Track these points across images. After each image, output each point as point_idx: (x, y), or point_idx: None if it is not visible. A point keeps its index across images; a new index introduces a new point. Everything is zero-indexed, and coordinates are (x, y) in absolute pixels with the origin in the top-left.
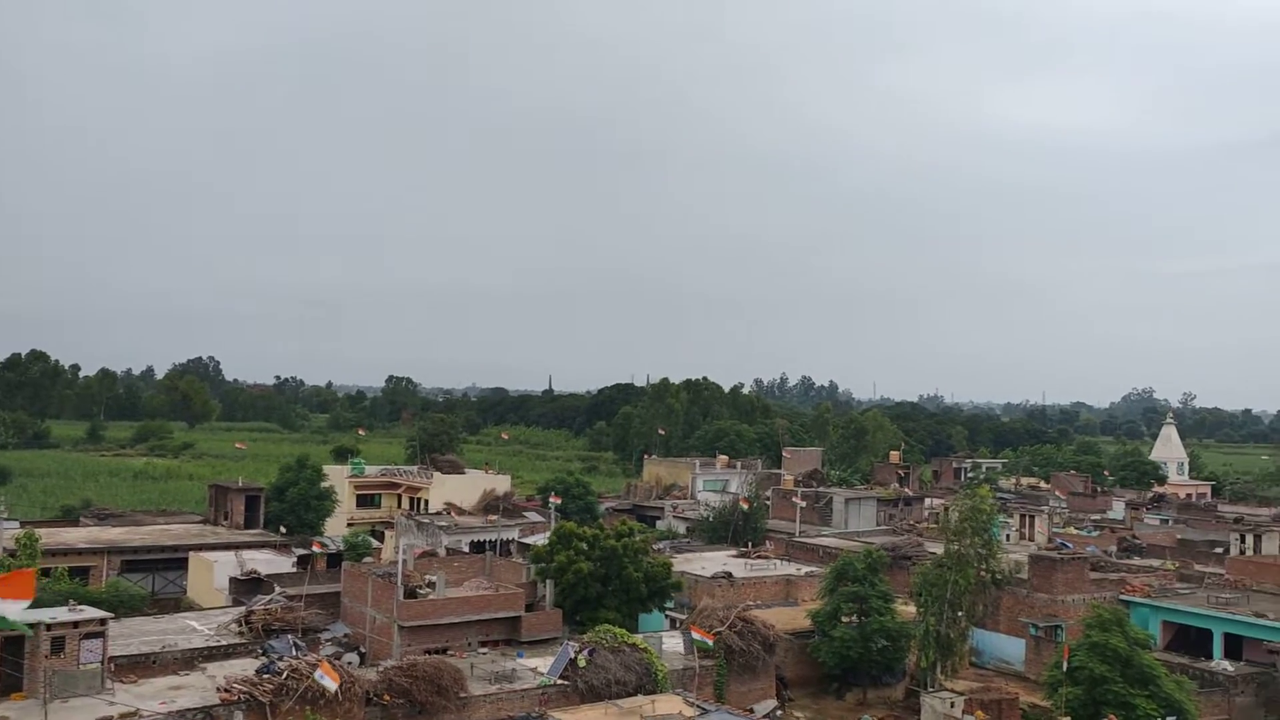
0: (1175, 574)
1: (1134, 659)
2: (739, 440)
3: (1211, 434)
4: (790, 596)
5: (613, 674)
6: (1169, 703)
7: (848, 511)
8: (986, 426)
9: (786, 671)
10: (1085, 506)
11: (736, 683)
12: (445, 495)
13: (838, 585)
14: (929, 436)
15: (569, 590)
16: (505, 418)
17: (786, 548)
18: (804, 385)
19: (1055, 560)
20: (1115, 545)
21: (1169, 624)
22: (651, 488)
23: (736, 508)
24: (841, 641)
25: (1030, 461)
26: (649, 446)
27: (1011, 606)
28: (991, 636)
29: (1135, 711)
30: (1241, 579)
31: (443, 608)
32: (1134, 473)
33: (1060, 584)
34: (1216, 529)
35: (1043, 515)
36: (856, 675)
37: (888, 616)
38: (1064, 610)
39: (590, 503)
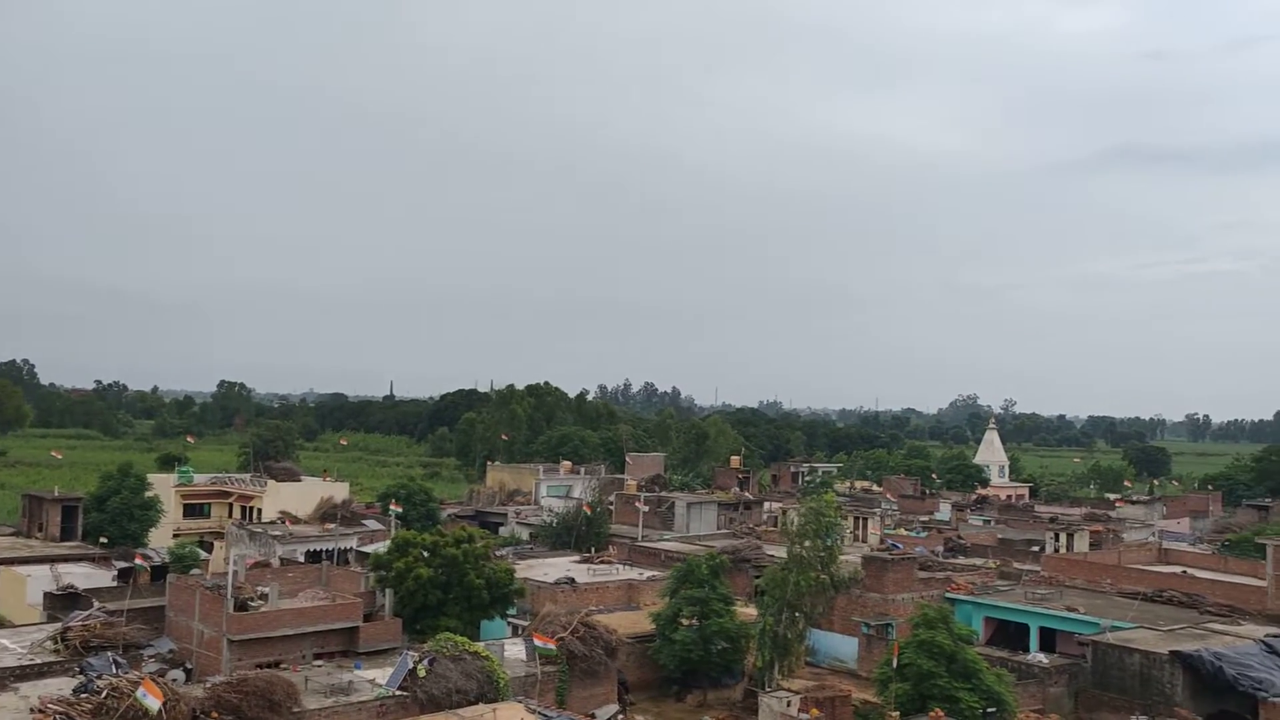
0: (996, 572)
1: (958, 654)
2: (583, 446)
3: (1029, 438)
4: (632, 601)
5: (453, 683)
6: (990, 695)
7: (689, 515)
8: (823, 432)
9: (628, 675)
10: (914, 508)
11: (579, 688)
12: (280, 504)
13: (679, 588)
14: (768, 441)
15: (409, 598)
16: (344, 424)
17: (629, 552)
18: (647, 391)
19: (886, 561)
20: (942, 545)
21: (990, 620)
22: (495, 493)
23: (580, 513)
24: (682, 644)
25: (863, 465)
26: (492, 452)
27: (845, 606)
28: (826, 636)
29: (959, 705)
30: (1055, 575)
31: (276, 620)
32: (960, 475)
33: (891, 584)
34: (1033, 528)
35: (875, 517)
36: (697, 677)
37: (727, 618)
38: (894, 609)
39: (432, 509)
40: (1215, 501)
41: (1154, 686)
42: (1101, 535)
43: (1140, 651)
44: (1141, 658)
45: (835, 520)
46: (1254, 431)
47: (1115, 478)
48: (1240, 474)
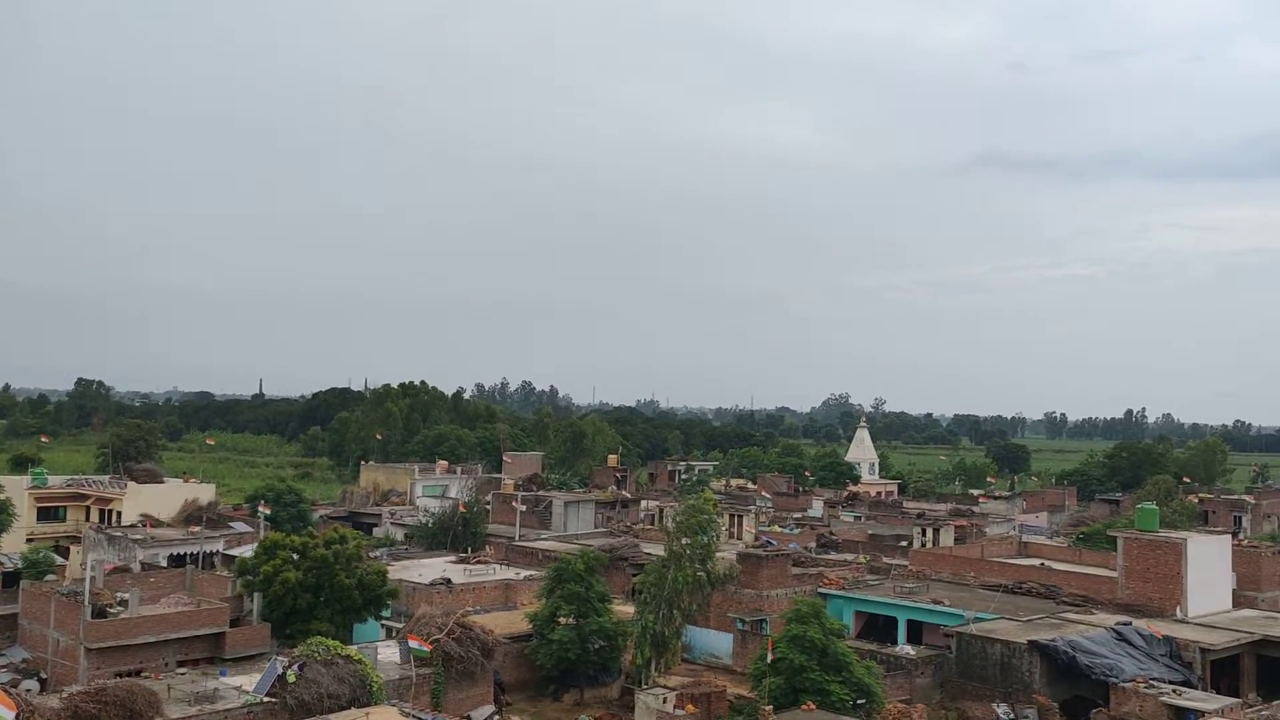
0: (866, 567)
1: (829, 648)
2: (460, 445)
3: (899, 436)
4: (509, 600)
5: (325, 688)
6: (860, 687)
7: (567, 514)
8: (699, 430)
9: (505, 676)
10: (788, 505)
11: (454, 690)
12: (141, 506)
13: (556, 588)
14: (645, 440)
15: (277, 602)
16: (211, 423)
17: (506, 552)
18: (525, 390)
19: (761, 558)
20: (815, 541)
21: (860, 613)
22: (369, 494)
23: (456, 513)
24: (559, 643)
25: (739, 463)
26: (367, 452)
27: (721, 603)
28: (702, 632)
29: (830, 697)
30: (922, 569)
31: (136, 627)
32: (832, 473)
33: (765, 580)
34: (902, 524)
35: (750, 514)
36: (574, 676)
37: (605, 617)
38: (769, 605)
39: (303, 510)
40: (1071, 496)
41: (1014, 675)
42: (966, 530)
43: (1001, 641)
44: (1002, 647)
45: (713, 518)
46: (1106, 429)
47: (979, 474)
48: (1094, 470)
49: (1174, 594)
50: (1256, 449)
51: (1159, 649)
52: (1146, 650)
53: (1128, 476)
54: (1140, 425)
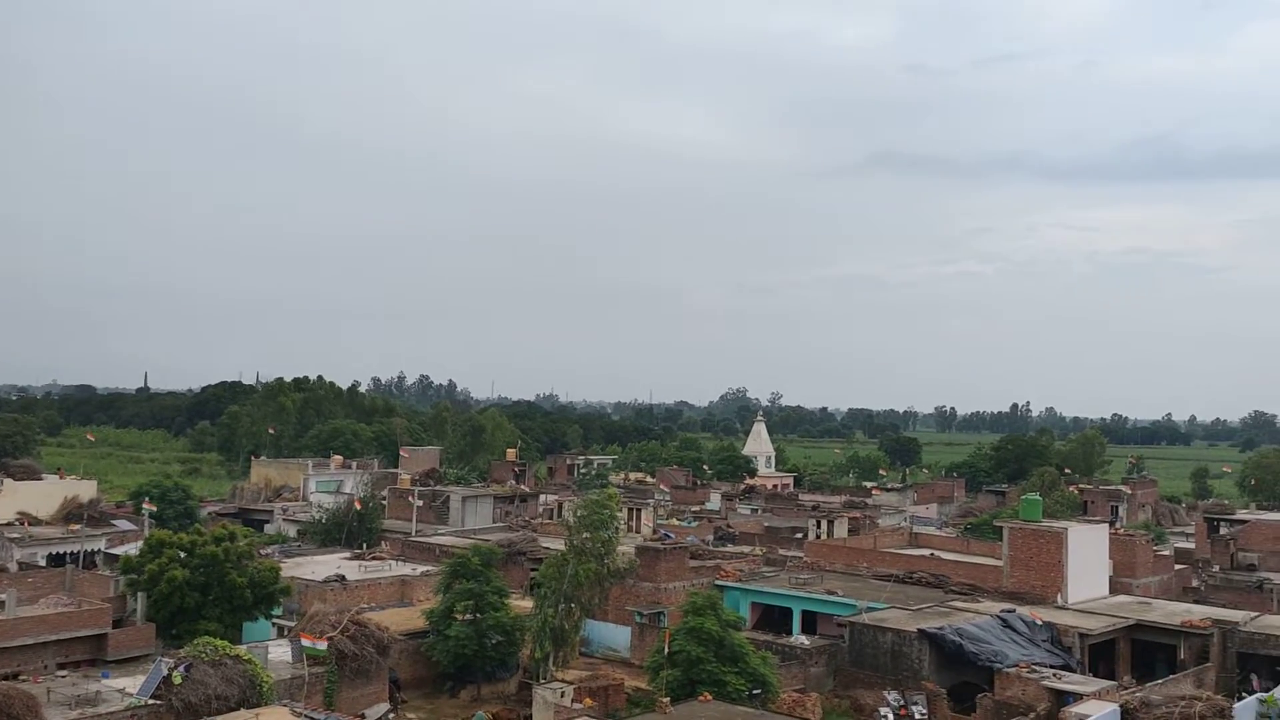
0: (762, 559)
1: (726, 639)
2: (355, 440)
3: (795, 430)
4: (406, 597)
5: (213, 689)
6: (755, 677)
7: (465, 509)
8: (599, 424)
9: (401, 673)
10: (686, 499)
11: (348, 688)
12: (18, 504)
13: (452, 583)
14: (545, 434)
15: (163, 602)
16: (93, 418)
17: (403, 548)
18: (422, 384)
19: (659, 550)
20: (712, 534)
21: (757, 605)
22: (260, 490)
23: (351, 509)
24: (456, 640)
25: (638, 457)
26: (258, 447)
27: (619, 596)
28: (600, 626)
29: (727, 688)
30: (817, 561)
31: (12, 629)
32: (729, 466)
33: (664, 573)
34: (797, 516)
35: (648, 508)
36: (471, 672)
37: (502, 612)
38: (666, 597)
39: (191, 507)
40: (959, 488)
41: (904, 663)
42: (859, 521)
43: (892, 630)
44: (893, 636)
45: (614, 513)
46: (994, 422)
47: (872, 467)
48: (981, 462)
49: (1055, 582)
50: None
51: (1041, 635)
52: (1029, 636)
53: (1013, 468)
54: (1025, 419)
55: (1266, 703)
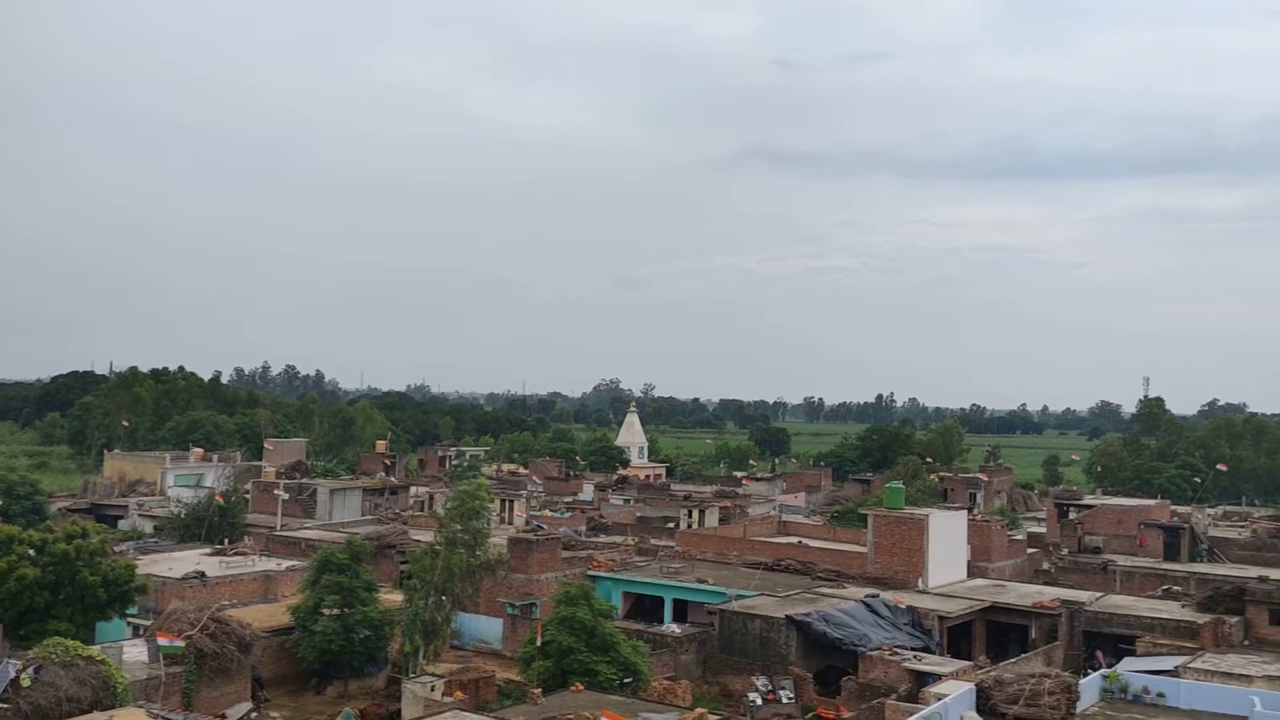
0: (635, 549)
1: (598, 629)
2: (217, 432)
3: (667, 420)
4: (270, 593)
5: (64, 691)
6: (627, 666)
7: (332, 502)
8: (471, 415)
9: (264, 671)
10: (559, 490)
11: (208, 688)
12: None
13: (319, 578)
14: (416, 426)
15: (11, 601)
16: None
17: (267, 542)
18: (288, 375)
19: (532, 542)
20: (585, 525)
21: (629, 594)
22: (114, 484)
23: (212, 503)
24: (323, 635)
25: (510, 448)
26: (112, 440)
27: (492, 588)
28: (472, 618)
29: (598, 677)
30: (688, 550)
31: None
32: (602, 457)
33: (536, 564)
34: (669, 506)
35: (521, 499)
36: (338, 668)
37: (371, 606)
38: (539, 588)
39: (40, 503)
40: (827, 477)
41: (772, 648)
42: (730, 511)
43: (761, 617)
44: (762, 623)
45: (486, 503)
46: (860, 413)
47: (742, 457)
48: (848, 451)
49: (917, 566)
50: (990, 430)
51: (903, 618)
52: (892, 620)
53: (878, 457)
54: (890, 409)
55: (1109, 678)
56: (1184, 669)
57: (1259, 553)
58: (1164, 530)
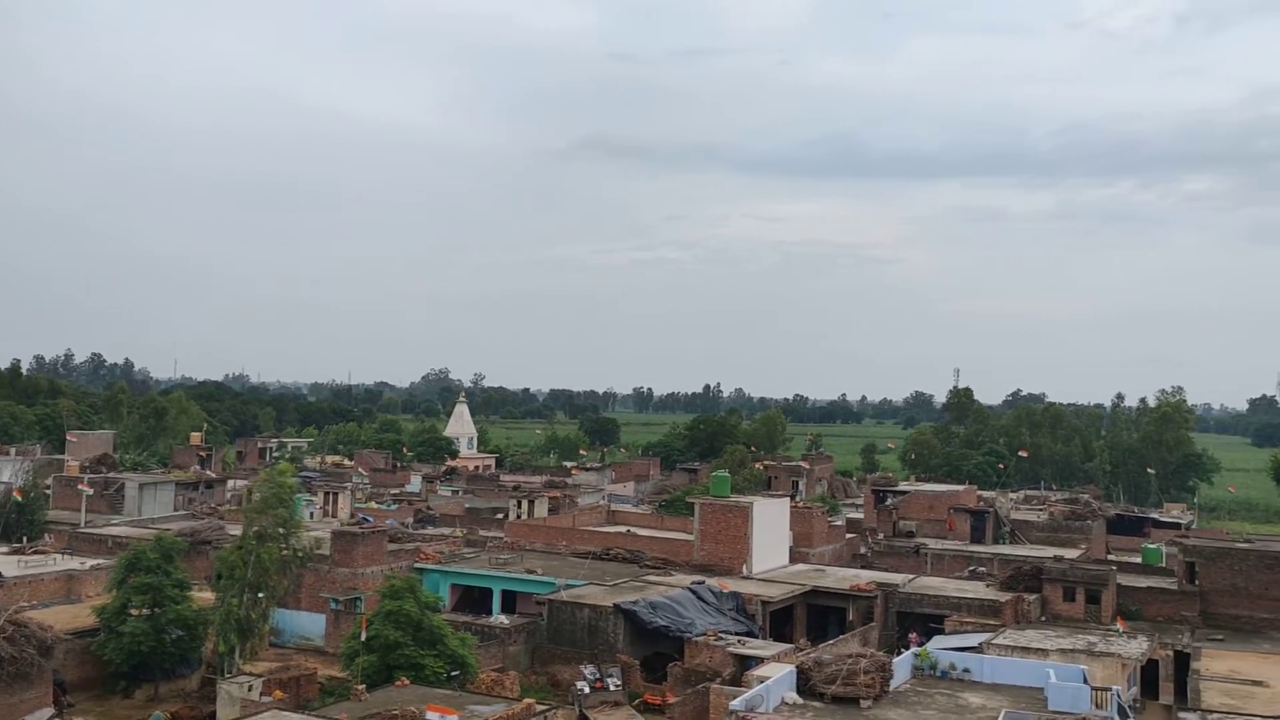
0: (463, 540)
1: (424, 622)
2: (14, 424)
3: (497, 411)
4: (73, 593)
5: None
6: (454, 659)
7: (142, 498)
8: (294, 406)
9: (68, 675)
10: (386, 481)
11: (6, 694)
12: None
13: (127, 577)
14: (234, 417)
15: None
16: None
17: (70, 540)
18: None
19: (356, 535)
20: (412, 516)
21: (456, 586)
22: None
23: (9, 499)
24: (131, 637)
25: (335, 440)
26: None
27: (314, 583)
28: (293, 614)
29: (425, 671)
30: (518, 540)
31: None
32: (431, 448)
33: (360, 557)
34: (499, 497)
35: (346, 491)
36: (148, 670)
37: (184, 605)
38: (364, 582)
39: None
40: (655, 466)
41: (600, 637)
42: (559, 501)
43: (589, 606)
44: (590, 611)
45: (294, 488)
46: (688, 403)
47: (572, 447)
48: (676, 441)
49: (742, 553)
50: (812, 420)
51: (728, 604)
52: (717, 606)
53: (705, 447)
54: (717, 399)
55: (920, 656)
56: (987, 645)
57: (1055, 534)
58: (971, 514)
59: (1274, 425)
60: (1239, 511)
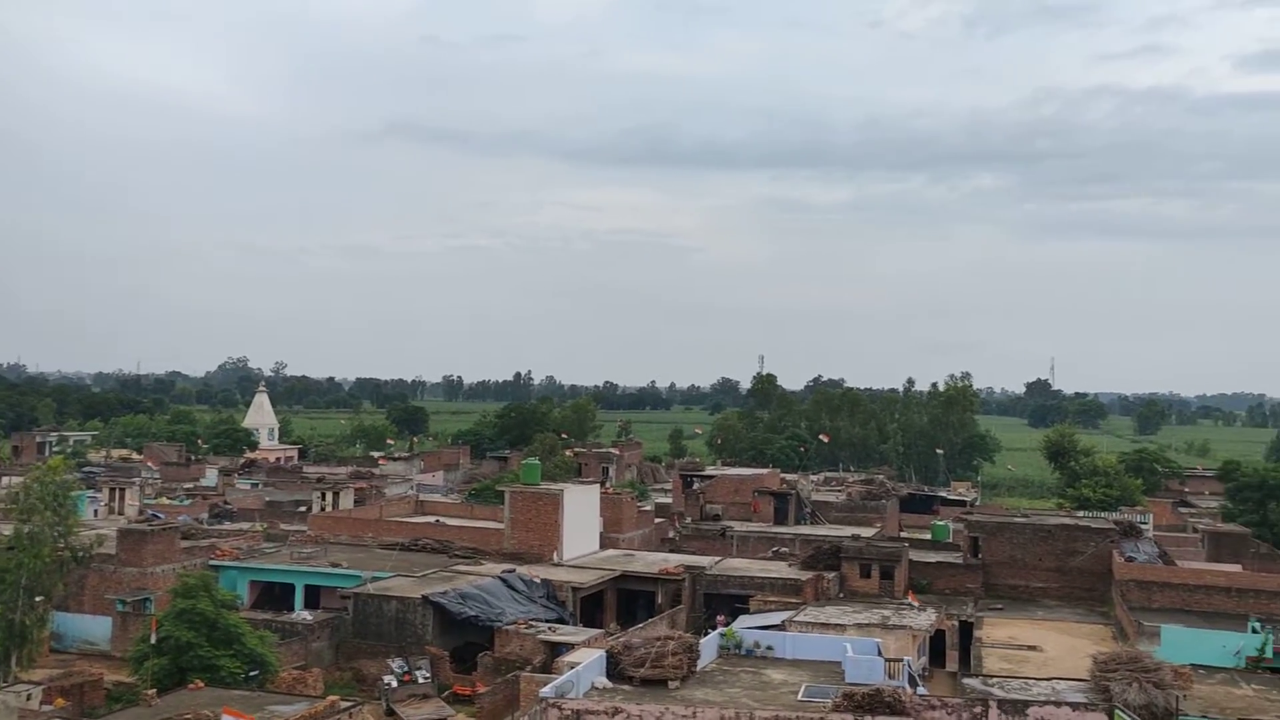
0: (263, 535)
1: (220, 621)
2: None
3: (300, 400)
4: None
5: None
6: (253, 658)
7: None
8: (76, 397)
9: None
10: (179, 476)
11: None
12: None
13: None
14: (10, 409)
15: None
16: None
17: None
18: None
19: (144, 532)
20: (208, 512)
21: (256, 583)
22: None
23: None
24: None
25: (123, 433)
26: None
27: (98, 584)
28: (75, 618)
29: (221, 672)
30: (322, 534)
31: None
32: (228, 440)
33: (149, 556)
34: (302, 489)
35: (134, 487)
36: None
37: None
38: (154, 582)
39: None
40: (465, 455)
41: (409, 629)
42: (365, 492)
43: (396, 598)
44: (398, 604)
45: (72, 485)
46: (498, 391)
47: (379, 436)
48: (486, 429)
49: (553, 540)
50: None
51: (538, 591)
52: (528, 594)
53: (516, 435)
54: (528, 387)
55: (726, 636)
56: (789, 623)
57: (853, 513)
58: (774, 497)
59: (1048, 407)
60: (1017, 488)
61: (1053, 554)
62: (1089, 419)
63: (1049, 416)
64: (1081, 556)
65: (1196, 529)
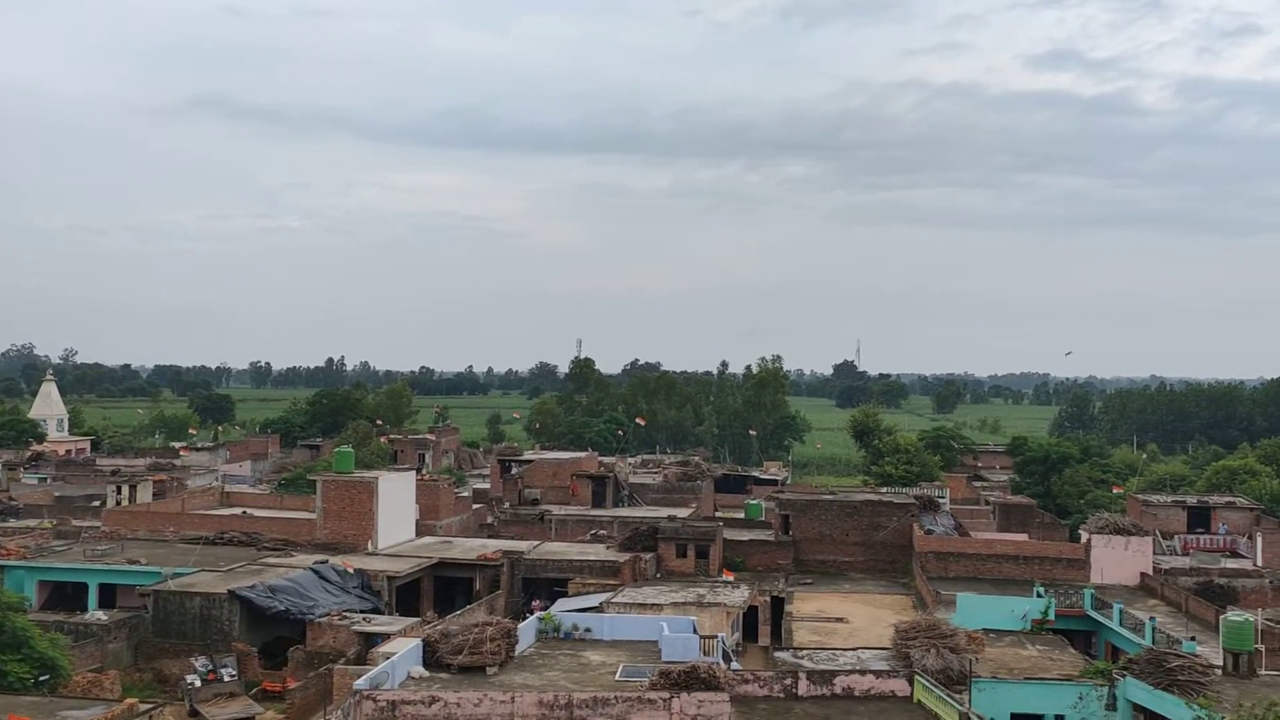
0: (53, 532)
1: (5, 624)
2: None
3: (93, 389)
4: None
5: None
6: (43, 661)
7: None
8: None
9: None
10: None
11: None
12: None
13: None
14: None
15: None
16: None
17: None
18: None
19: None
20: None
21: (45, 583)
22: None
23: None
24: None
25: None
26: None
27: None
28: None
29: (8, 678)
30: (118, 529)
31: None
32: (12, 432)
33: None
34: (95, 483)
35: None
36: None
37: None
38: None
39: None
40: (274, 444)
41: (214, 626)
42: (166, 484)
43: (200, 594)
44: (202, 600)
45: None
46: (310, 377)
47: (181, 426)
48: (297, 417)
49: (367, 529)
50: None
51: (353, 582)
52: (341, 585)
53: (328, 422)
54: (340, 373)
55: (544, 620)
56: (607, 605)
57: (669, 495)
58: (593, 480)
59: (854, 388)
60: (826, 467)
61: (858, 529)
62: (892, 399)
63: (855, 397)
64: (885, 531)
65: (989, 501)
